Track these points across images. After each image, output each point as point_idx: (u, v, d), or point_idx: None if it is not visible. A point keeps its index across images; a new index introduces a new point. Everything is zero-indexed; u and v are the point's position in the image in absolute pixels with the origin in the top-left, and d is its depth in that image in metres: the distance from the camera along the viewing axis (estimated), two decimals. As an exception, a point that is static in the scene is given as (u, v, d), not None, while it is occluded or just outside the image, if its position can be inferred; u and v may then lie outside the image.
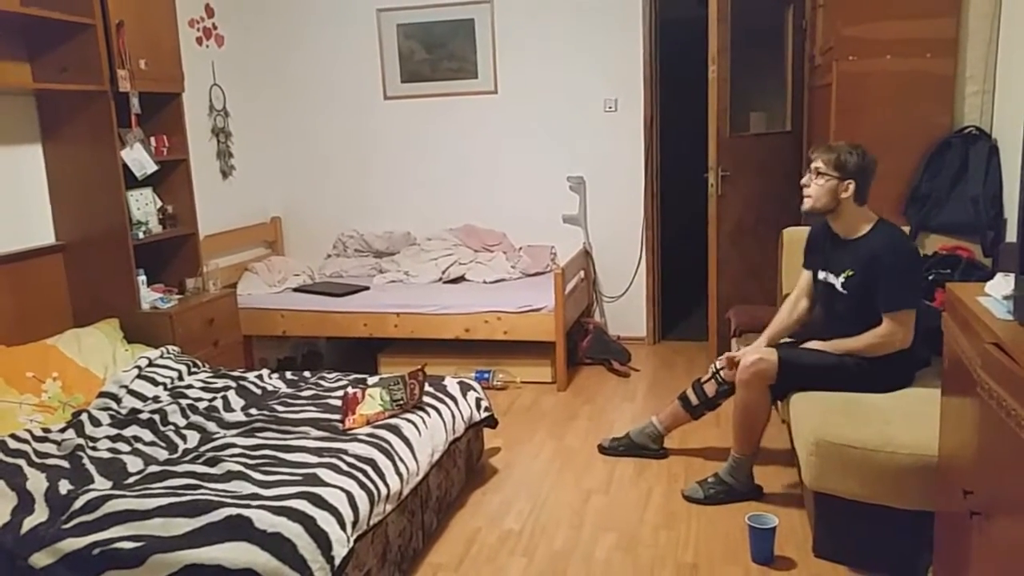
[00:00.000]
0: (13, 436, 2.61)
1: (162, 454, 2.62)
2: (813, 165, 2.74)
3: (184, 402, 3.01)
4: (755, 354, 2.82)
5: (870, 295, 2.67)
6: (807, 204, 2.77)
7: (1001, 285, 1.70)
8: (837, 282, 2.77)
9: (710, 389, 3.11)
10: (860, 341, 2.70)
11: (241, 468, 2.35)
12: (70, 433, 2.72)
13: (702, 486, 2.96)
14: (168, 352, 3.41)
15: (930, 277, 3.02)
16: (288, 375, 3.39)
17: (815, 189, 2.73)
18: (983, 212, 3.13)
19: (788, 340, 3.11)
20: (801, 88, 4.53)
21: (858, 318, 2.71)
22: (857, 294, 2.71)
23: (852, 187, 2.67)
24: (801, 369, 2.78)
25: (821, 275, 2.88)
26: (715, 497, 2.92)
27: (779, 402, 2.97)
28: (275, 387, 3.25)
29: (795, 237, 3.46)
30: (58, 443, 2.64)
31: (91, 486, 2.33)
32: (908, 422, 2.42)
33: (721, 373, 3.05)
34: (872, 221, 2.73)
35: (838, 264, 2.78)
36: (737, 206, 4.46)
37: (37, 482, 2.34)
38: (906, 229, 3.21)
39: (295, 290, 4.72)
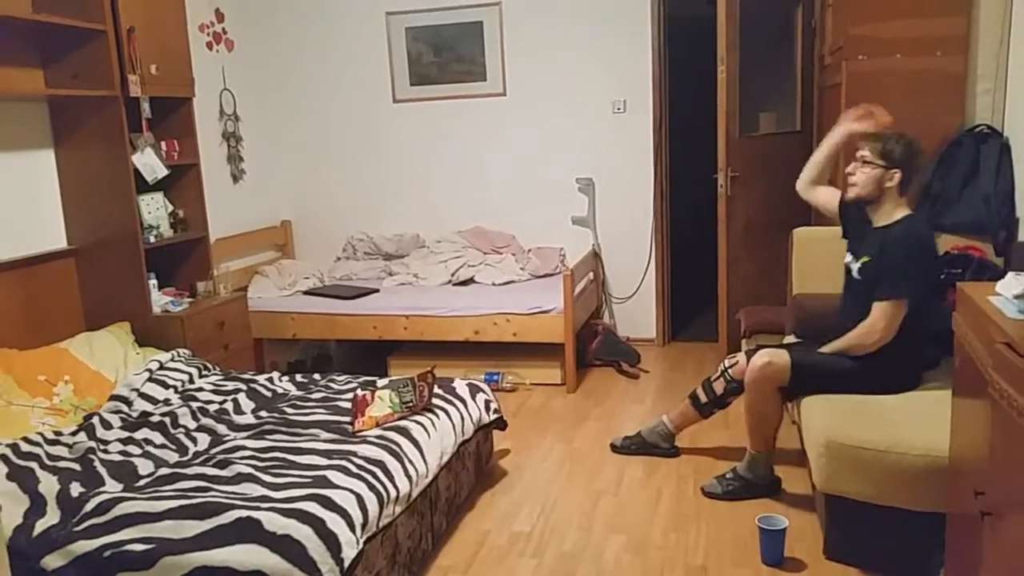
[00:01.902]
0: (25, 439, 2.63)
1: (172, 457, 2.63)
2: (860, 153, 2.69)
3: (194, 405, 3.02)
4: (765, 356, 2.81)
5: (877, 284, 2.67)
6: (852, 192, 2.74)
7: (1012, 284, 1.69)
8: (855, 267, 2.77)
9: (719, 387, 3.10)
10: (846, 339, 2.71)
11: (251, 470, 2.36)
12: (81, 436, 2.74)
13: (720, 481, 2.98)
14: (179, 355, 3.43)
15: (941, 276, 3.00)
16: (298, 378, 3.40)
17: (860, 177, 2.69)
18: (995, 211, 3.11)
19: (798, 340, 3.11)
20: (811, 88, 4.52)
21: (865, 307, 2.69)
22: (869, 281, 2.70)
23: (897, 176, 2.64)
24: (813, 370, 2.76)
25: (846, 257, 2.86)
26: (733, 492, 2.93)
27: (790, 404, 2.96)
28: (285, 390, 3.26)
29: (805, 237, 3.45)
30: (70, 446, 2.66)
31: (102, 488, 2.35)
32: (918, 423, 2.40)
33: (730, 371, 3.05)
34: (904, 213, 2.70)
35: (859, 248, 2.78)
36: (747, 207, 4.45)
37: (49, 484, 2.36)
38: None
39: (305, 293, 4.74)
